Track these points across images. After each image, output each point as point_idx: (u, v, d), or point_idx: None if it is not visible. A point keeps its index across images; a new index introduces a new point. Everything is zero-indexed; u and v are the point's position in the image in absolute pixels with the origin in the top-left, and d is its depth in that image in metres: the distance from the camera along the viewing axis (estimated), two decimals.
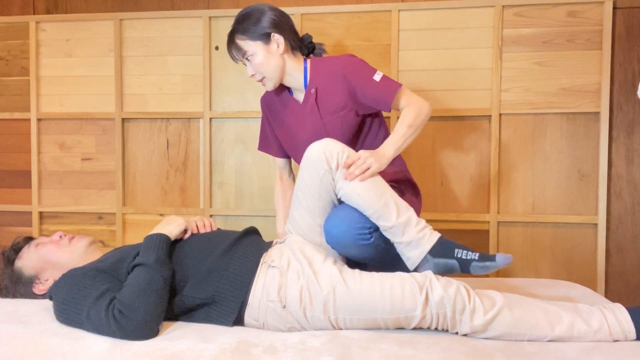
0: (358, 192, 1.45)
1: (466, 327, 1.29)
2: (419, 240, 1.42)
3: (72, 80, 2.52)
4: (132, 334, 1.26)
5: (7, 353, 1.23)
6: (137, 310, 1.26)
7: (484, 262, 1.38)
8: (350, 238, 1.47)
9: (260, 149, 1.96)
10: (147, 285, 1.30)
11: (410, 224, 1.44)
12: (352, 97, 1.71)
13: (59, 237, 1.56)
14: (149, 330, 1.28)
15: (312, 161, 1.49)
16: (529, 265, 2.28)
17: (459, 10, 2.27)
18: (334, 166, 1.47)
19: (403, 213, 1.45)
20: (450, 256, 1.40)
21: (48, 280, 1.52)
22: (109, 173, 2.52)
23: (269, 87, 1.75)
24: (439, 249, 1.42)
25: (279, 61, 1.71)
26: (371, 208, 1.44)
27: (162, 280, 1.33)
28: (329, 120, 1.72)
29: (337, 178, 1.47)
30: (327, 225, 1.50)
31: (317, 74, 1.74)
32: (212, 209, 2.43)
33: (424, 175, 2.33)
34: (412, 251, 1.43)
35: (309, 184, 1.51)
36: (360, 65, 1.71)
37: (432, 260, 1.41)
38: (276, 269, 1.42)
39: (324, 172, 1.48)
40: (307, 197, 1.53)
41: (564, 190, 2.25)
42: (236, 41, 1.70)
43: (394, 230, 1.44)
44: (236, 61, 1.75)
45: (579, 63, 2.22)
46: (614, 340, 1.28)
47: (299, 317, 1.35)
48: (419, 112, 1.63)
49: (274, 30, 1.69)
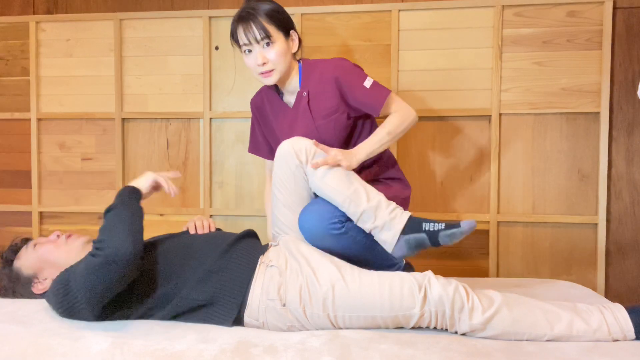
0: (327, 181, 1.49)
1: (465, 326, 1.29)
2: (392, 220, 1.45)
3: (72, 80, 2.52)
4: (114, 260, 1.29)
5: (7, 353, 1.23)
6: (108, 241, 1.31)
7: (450, 230, 1.40)
8: (322, 229, 1.50)
9: (250, 152, 1.96)
10: (111, 222, 1.35)
11: (381, 207, 1.46)
12: (343, 100, 1.72)
13: (56, 236, 1.57)
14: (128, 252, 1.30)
15: (283, 157, 1.53)
16: (529, 265, 2.28)
17: (459, 10, 2.27)
18: (304, 159, 1.51)
19: (373, 197, 1.48)
20: (419, 230, 1.43)
21: (47, 279, 1.52)
22: (109, 173, 2.52)
23: (272, 80, 1.70)
24: (409, 227, 1.44)
25: (289, 60, 1.71)
26: (341, 195, 1.47)
27: (126, 211, 1.38)
28: (321, 124, 1.72)
29: (308, 172, 1.51)
30: (300, 221, 1.54)
31: (309, 77, 1.74)
32: (212, 209, 2.43)
33: (424, 175, 2.33)
34: (386, 233, 1.45)
35: (284, 180, 1.55)
36: (352, 70, 1.72)
37: (404, 237, 1.43)
38: (275, 268, 1.42)
39: (295, 167, 1.52)
40: (283, 194, 1.57)
41: (564, 190, 2.25)
42: (260, 21, 1.62)
43: (366, 216, 1.46)
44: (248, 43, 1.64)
45: (579, 63, 2.21)
46: (613, 339, 1.28)
47: (299, 315, 1.35)
48: (402, 121, 1.66)
49: (293, 26, 1.71)
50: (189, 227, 1.65)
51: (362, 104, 1.70)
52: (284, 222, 1.58)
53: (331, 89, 1.71)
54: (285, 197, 1.57)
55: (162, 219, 2.47)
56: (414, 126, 1.72)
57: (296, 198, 1.56)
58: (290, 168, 1.53)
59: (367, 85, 1.69)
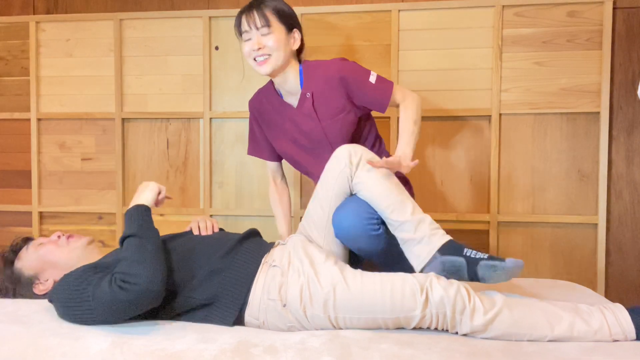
0: (377, 181, 1.48)
1: (466, 327, 1.29)
2: (431, 237, 1.42)
3: (72, 80, 2.52)
4: (142, 298, 1.28)
5: (7, 353, 1.23)
6: (138, 277, 1.28)
7: (493, 261, 1.34)
8: (360, 228, 1.48)
9: (250, 154, 1.96)
10: (139, 253, 1.33)
11: (424, 222, 1.45)
12: (349, 100, 1.72)
13: (57, 236, 1.57)
14: (155, 292, 1.29)
15: (336, 157, 1.54)
16: (529, 265, 2.28)
17: (459, 10, 2.27)
18: (355, 162, 1.51)
19: (418, 212, 1.47)
20: (458, 254, 1.38)
21: (48, 280, 1.52)
22: (109, 173, 2.52)
23: (266, 69, 1.67)
24: (447, 247, 1.40)
25: (288, 55, 1.71)
26: (388, 199, 1.46)
27: (152, 245, 1.36)
28: (328, 124, 1.72)
29: (358, 172, 1.51)
30: (336, 218, 1.52)
31: (311, 78, 1.74)
32: (212, 209, 2.43)
33: (424, 175, 2.33)
34: (422, 248, 1.42)
35: (329, 177, 1.56)
36: (355, 68, 1.74)
37: (440, 258, 1.39)
38: (277, 268, 1.42)
39: (344, 166, 1.52)
40: (323, 189, 1.58)
41: (564, 190, 2.25)
42: (264, 10, 1.65)
43: (407, 226, 1.44)
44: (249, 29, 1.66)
45: (579, 63, 2.22)
46: (614, 340, 1.28)
47: (299, 315, 1.35)
48: (416, 108, 1.70)
49: (298, 27, 1.72)
50: (192, 228, 1.65)
51: (370, 101, 1.72)
52: (313, 216, 1.60)
53: (337, 89, 1.71)
54: (324, 193, 1.57)
55: (162, 219, 2.47)
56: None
57: (332, 197, 1.55)
58: (339, 166, 1.53)
59: (372, 80, 1.71)
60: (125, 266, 1.31)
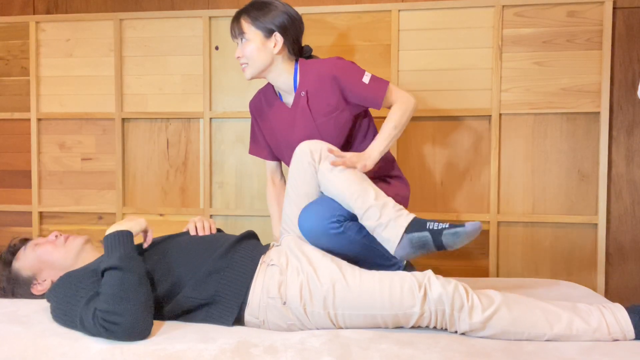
0: (337, 178, 1.51)
1: (465, 325, 1.30)
2: (397, 218, 1.45)
3: (72, 80, 2.52)
4: (125, 337, 1.25)
5: (7, 353, 1.23)
6: (120, 315, 1.25)
7: (454, 229, 1.39)
8: (321, 228, 1.51)
9: (251, 153, 1.97)
10: (120, 289, 1.27)
11: (388, 206, 1.48)
12: (343, 98, 1.73)
13: (55, 236, 1.57)
14: (140, 329, 1.27)
15: (298, 155, 1.57)
16: (529, 265, 2.28)
17: (459, 10, 2.27)
18: (317, 158, 1.54)
19: (381, 197, 1.50)
20: (422, 229, 1.42)
21: (45, 280, 1.52)
22: (109, 173, 2.52)
23: (247, 75, 1.77)
24: (413, 225, 1.44)
25: (268, 58, 1.73)
26: (350, 190, 1.49)
27: (134, 277, 1.30)
28: (321, 122, 1.74)
29: (320, 167, 1.54)
30: (300, 220, 1.56)
31: (306, 77, 1.76)
32: (212, 209, 2.43)
33: (424, 175, 2.33)
34: (390, 231, 1.45)
35: (296, 177, 1.59)
36: (349, 68, 1.74)
37: (407, 237, 1.42)
38: (275, 267, 1.43)
39: (307, 164, 1.55)
40: (294, 190, 1.60)
41: (564, 190, 2.25)
42: (241, 20, 1.72)
43: (372, 212, 1.47)
44: (233, 38, 1.77)
45: (579, 63, 2.21)
46: (613, 339, 1.28)
47: (299, 313, 1.35)
48: (404, 112, 1.70)
49: (278, 29, 1.72)
50: (189, 228, 1.65)
51: (364, 99, 1.73)
52: (292, 218, 1.61)
53: (330, 88, 1.72)
54: (295, 193, 1.60)
55: (162, 219, 2.47)
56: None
57: (303, 195, 1.58)
58: (303, 165, 1.56)
59: (365, 80, 1.72)
60: (106, 303, 1.25)
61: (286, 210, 1.64)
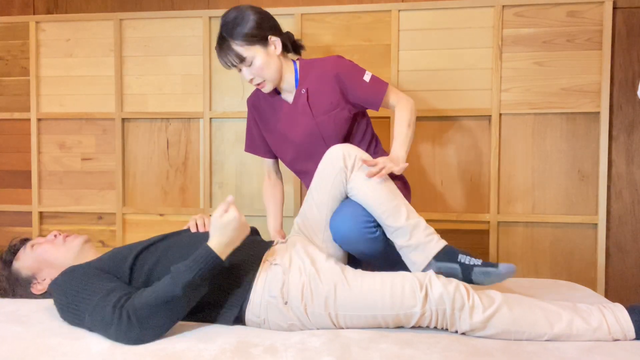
0: (372, 187, 1.49)
1: (465, 325, 1.30)
2: (426, 244, 1.44)
3: (72, 80, 2.52)
4: (132, 340, 1.25)
5: (7, 353, 1.23)
6: (146, 322, 1.24)
7: (486, 268, 1.38)
8: (357, 232, 1.49)
9: (247, 150, 1.97)
10: (164, 304, 1.25)
11: (419, 228, 1.46)
12: (343, 97, 1.74)
13: (54, 236, 1.57)
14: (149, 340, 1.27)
15: (330, 158, 1.54)
16: (529, 265, 2.28)
17: (459, 10, 2.27)
18: (350, 165, 1.52)
19: (413, 217, 1.48)
20: (453, 260, 1.41)
21: (45, 280, 1.53)
22: (109, 173, 2.52)
23: (268, 89, 1.75)
24: (443, 254, 1.43)
25: (278, 62, 1.73)
26: (383, 206, 1.47)
27: (183, 304, 1.28)
28: (322, 120, 1.74)
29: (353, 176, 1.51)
30: (334, 223, 1.53)
31: (307, 75, 1.76)
32: (212, 209, 2.43)
33: (424, 175, 2.33)
34: (418, 255, 1.44)
35: (324, 179, 1.56)
36: (351, 66, 1.76)
37: (435, 265, 1.42)
38: (278, 266, 1.42)
39: (339, 169, 1.52)
40: (318, 192, 1.57)
41: (564, 190, 2.25)
42: (233, 48, 1.66)
43: (402, 232, 1.46)
44: (229, 67, 1.71)
45: (579, 63, 2.21)
46: (613, 339, 1.28)
47: (300, 313, 1.35)
48: (410, 111, 1.72)
49: (269, 32, 1.71)
50: (190, 226, 1.65)
51: (363, 99, 1.74)
52: (309, 217, 1.59)
53: (331, 86, 1.73)
54: (320, 196, 1.57)
55: (162, 219, 2.47)
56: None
57: (329, 199, 1.55)
58: (334, 169, 1.53)
59: (366, 79, 1.73)
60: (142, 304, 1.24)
61: (305, 207, 1.62)
